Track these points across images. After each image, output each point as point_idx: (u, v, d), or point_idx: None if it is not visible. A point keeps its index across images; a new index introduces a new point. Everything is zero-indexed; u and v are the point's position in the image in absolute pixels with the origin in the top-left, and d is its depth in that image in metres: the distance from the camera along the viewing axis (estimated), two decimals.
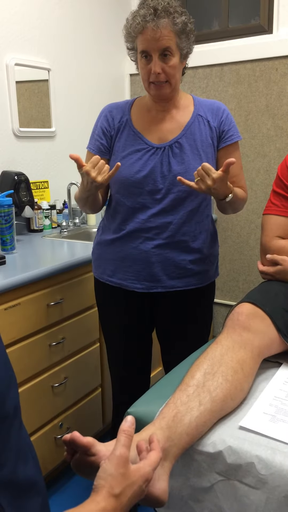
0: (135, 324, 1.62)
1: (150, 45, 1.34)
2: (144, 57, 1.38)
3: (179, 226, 1.47)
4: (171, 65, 1.37)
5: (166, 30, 1.33)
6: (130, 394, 1.69)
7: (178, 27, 1.34)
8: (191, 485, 0.90)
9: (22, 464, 0.69)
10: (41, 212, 2.35)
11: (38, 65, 2.36)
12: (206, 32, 2.76)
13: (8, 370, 0.70)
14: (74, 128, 2.59)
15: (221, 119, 1.48)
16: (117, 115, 1.51)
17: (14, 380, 0.72)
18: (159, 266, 1.49)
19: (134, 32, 1.37)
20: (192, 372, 0.97)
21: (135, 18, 1.36)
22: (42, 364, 1.74)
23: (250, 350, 1.04)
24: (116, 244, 1.54)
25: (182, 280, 1.52)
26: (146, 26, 1.33)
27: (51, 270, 1.71)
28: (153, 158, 1.45)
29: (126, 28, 1.40)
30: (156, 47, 1.34)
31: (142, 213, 1.47)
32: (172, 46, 1.35)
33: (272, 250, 1.36)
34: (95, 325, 1.98)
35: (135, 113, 1.51)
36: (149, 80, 1.40)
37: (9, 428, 0.67)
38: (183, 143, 1.45)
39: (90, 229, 2.51)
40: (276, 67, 2.50)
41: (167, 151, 1.45)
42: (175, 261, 1.50)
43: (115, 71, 2.89)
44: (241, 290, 2.84)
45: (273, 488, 0.81)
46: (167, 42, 1.34)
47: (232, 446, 0.86)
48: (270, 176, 2.62)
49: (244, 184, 1.56)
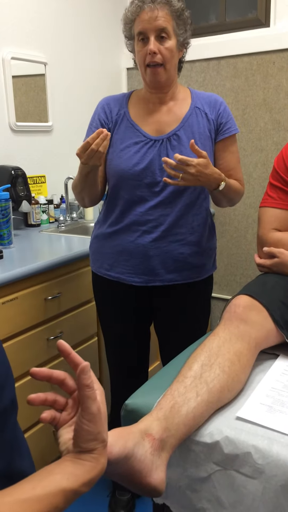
0: (133, 318, 1.62)
1: (147, 25, 1.36)
2: (141, 40, 1.39)
3: (177, 219, 1.47)
4: (168, 47, 1.37)
5: (163, 12, 1.35)
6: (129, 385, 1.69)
7: (175, 8, 1.37)
8: (188, 475, 0.90)
9: (17, 457, 0.69)
10: (38, 206, 2.35)
11: (35, 59, 2.35)
12: (203, 26, 2.75)
13: (4, 364, 0.70)
14: (71, 123, 2.58)
15: (218, 112, 1.48)
16: (114, 107, 1.51)
17: (10, 374, 0.72)
18: (157, 260, 1.50)
19: (132, 14, 1.39)
20: (190, 364, 0.98)
21: (133, 2, 1.39)
22: (40, 358, 1.74)
23: (247, 342, 1.04)
24: (113, 237, 1.54)
25: (180, 274, 1.53)
26: (143, 7, 1.36)
27: (49, 264, 1.71)
28: (152, 151, 1.44)
29: (125, 14, 1.42)
30: (153, 27, 1.35)
31: (140, 205, 1.47)
32: (168, 28, 1.36)
33: (269, 243, 1.36)
34: (93, 319, 1.98)
35: (132, 105, 1.51)
36: (145, 63, 1.40)
37: (5, 421, 0.67)
38: (181, 135, 1.45)
39: (87, 223, 2.51)
40: (273, 61, 2.49)
41: (165, 143, 1.44)
42: (173, 255, 1.50)
43: (112, 65, 2.88)
44: (239, 284, 2.84)
45: (270, 477, 0.82)
46: (163, 23, 1.35)
47: (229, 436, 0.87)
48: (267, 170, 2.62)
49: (241, 177, 1.56)
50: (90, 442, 0.61)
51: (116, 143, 1.48)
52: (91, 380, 0.62)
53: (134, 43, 1.43)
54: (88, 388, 0.62)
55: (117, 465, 0.73)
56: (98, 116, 1.52)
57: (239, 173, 1.55)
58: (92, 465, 0.58)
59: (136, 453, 0.76)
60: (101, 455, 0.60)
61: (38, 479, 0.55)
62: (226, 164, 1.51)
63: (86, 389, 0.62)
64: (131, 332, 1.65)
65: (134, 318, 1.63)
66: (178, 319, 1.61)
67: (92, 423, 0.61)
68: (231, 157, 1.52)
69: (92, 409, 0.61)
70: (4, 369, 0.69)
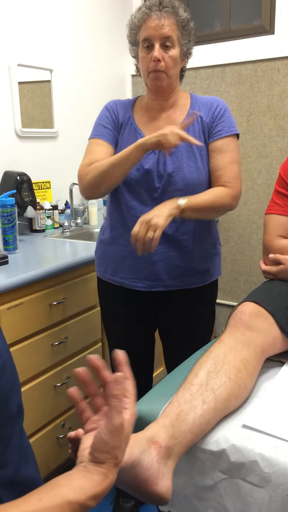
0: (137, 323, 1.62)
1: (153, 32, 1.37)
2: (146, 47, 1.40)
3: (179, 225, 1.47)
4: (171, 55, 1.39)
5: (169, 20, 1.37)
6: None
7: (181, 18, 1.39)
8: (194, 483, 0.90)
9: (24, 463, 0.69)
10: (43, 212, 2.36)
11: (41, 65, 2.37)
12: (208, 33, 2.77)
13: (12, 370, 0.70)
14: (76, 129, 2.59)
15: (213, 114, 1.47)
16: (120, 111, 1.52)
17: (17, 381, 0.72)
18: (160, 265, 1.50)
19: (138, 21, 1.40)
20: (196, 371, 0.97)
21: (140, 9, 1.41)
22: (45, 363, 1.74)
23: (253, 349, 1.04)
24: (117, 243, 1.54)
25: (183, 279, 1.53)
26: (150, 14, 1.37)
27: (54, 270, 1.71)
28: (151, 157, 1.45)
29: (131, 20, 1.44)
30: (158, 35, 1.37)
31: (141, 211, 1.47)
32: (173, 37, 1.38)
33: (274, 250, 1.36)
34: (97, 324, 1.98)
35: (137, 111, 1.53)
36: (149, 70, 1.41)
37: (13, 428, 0.67)
38: None
39: (92, 229, 2.52)
40: (278, 68, 2.50)
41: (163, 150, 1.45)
42: (176, 260, 1.50)
43: (117, 72, 2.90)
44: (243, 290, 2.84)
45: (276, 486, 0.81)
46: (169, 32, 1.37)
47: (236, 445, 0.86)
48: (271, 177, 2.63)
49: (230, 179, 1.45)
50: (103, 453, 0.59)
51: (121, 147, 1.49)
52: (120, 392, 0.61)
53: (138, 49, 1.44)
54: (115, 399, 0.61)
55: (123, 473, 0.73)
56: (109, 114, 1.51)
57: (227, 175, 1.45)
58: (99, 480, 0.57)
59: (142, 460, 0.76)
60: (110, 472, 0.58)
61: (44, 491, 0.54)
62: (214, 164, 1.46)
63: (113, 399, 0.61)
64: (135, 337, 1.65)
65: (138, 323, 1.63)
66: (182, 325, 1.61)
67: (112, 435, 0.60)
68: (221, 157, 1.46)
69: (115, 421, 0.60)
70: (12, 376, 0.69)
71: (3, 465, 0.64)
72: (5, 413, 0.65)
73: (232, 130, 1.48)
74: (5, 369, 0.64)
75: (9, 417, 0.66)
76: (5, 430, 0.65)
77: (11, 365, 0.70)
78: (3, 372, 0.63)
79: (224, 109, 1.49)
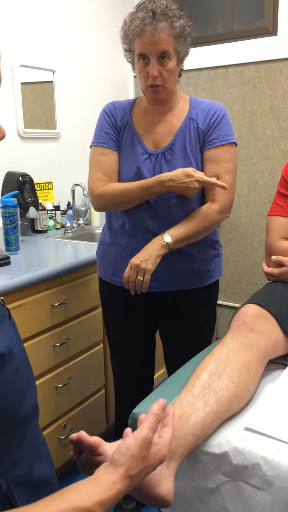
0: (137, 323, 1.62)
1: (148, 49, 1.34)
2: (141, 59, 1.38)
3: None
4: (168, 68, 1.37)
5: (164, 34, 1.32)
6: (133, 393, 1.69)
7: (176, 31, 1.34)
8: (196, 486, 0.90)
9: (38, 462, 0.70)
10: (45, 213, 2.35)
11: (43, 66, 2.37)
12: (210, 34, 2.76)
13: (27, 370, 0.70)
14: (79, 130, 2.59)
15: (209, 122, 1.45)
16: (118, 114, 1.51)
17: (32, 381, 0.73)
18: (160, 267, 1.49)
19: (132, 34, 1.36)
20: (198, 373, 0.97)
21: (133, 21, 1.34)
22: (46, 364, 1.74)
23: (255, 351, 1.03)
24: (118, 244, 1.54)
25: (183, 281, 1.53)
26: (144, 29, 1.32)
27: (56, 271, 1.71)
28: (147, 164, 1.45)
29: (124, 29, 1.40)
30: (154, 51, 1.34)
31: (138, 216, 1.48)
32: (169, 50, 1.35)
33: (277, 251, 1.36)
34: (99, 326, 1.98)
35: (135, 114, 1.52)
36: (147, 84, 1.40)
37: (27, 427, 0.68)
38: (175, 149, 1.45)
39: (94, 230, 2.52)
40: (281, 69, 2.50)
41: (160, 157, 1.45)
42: (175, 262, 1.49)
43: (120, 72, 2.90)
44: (245, 292, 2.84)
45: (279, 489, 0.81)
46: (165, 46, 1.33)
47: (238, 447, 0.86)
48: (274, 178, 2.62)
49: (219, 193, 1.42)
50: (118, 453, 0.62)
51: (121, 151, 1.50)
52: (161, 415, 0.68)
53: (134, 58, 1.42)
54: (153, 416, 0.67)
55: None
56: (108, 118, 1.51)
57: (213, 189, 1.43)
58: (107, 487, 0.59)
59: None
60: (120, 480, 0.60)
61: (52, 498, 0.56)
62: (206, 174, 1.42)
63: (152, 416, 0.67)
64: (135, 338, 1.64)
65: (138, 324, 1.63)
66: (183, 326, 1.61)
67: (135, 443, 0.63)
68: (213, 167, 1.43)
69: (144, 433, 0.64)
70: (27, 377, 0.69)
71: (17, 463, 0.65)
72: (20, 414, 0.66)
73: (228, 139, 1.44)
74: (19, 371, 0.65)
75: (23, 417, 0.66)
76: (20, 429, 0.66)
77: (26, 365, 0.71)
78: (17, 373, 0.64)
79: (221, 116, 1.45)
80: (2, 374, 0.61)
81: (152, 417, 0.67)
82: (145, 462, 0.64)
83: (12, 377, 0.63)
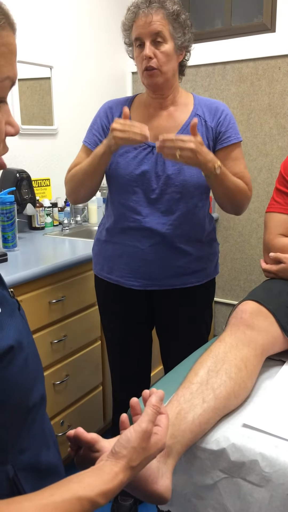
0: (134, 321, 1.62)
1: (142, 30, 1.35)
2: (138, 46, 1.39)
3: (175, 227, 1.46)
4: (163, 51, 1.36)
5: (158, 16, 1.35)
6: (130, 390, 1.68)
7: (170, 12, 1.35)
8: (194, 482, 0.90)
9: (45, 449, 0.71)
10: (42, 209, 2.35)
11: (41, 62, 2.36)
12: (209, 31, 2.76)
13: (35, 361, 0.71)
14: (76, 126, 2.58)
15: (218, 120, 1.45)
16: (116, 111, 1.50)
17: (41, 371, 0.74)
18: (156, 265, 1.49)
19: (128, 21, 1.39)
20: (196, 370, 0.97)
21: (129, 9, 1.39)
22: (44, 361, 1.72)
23: (253, 348, 1.03)
24: (113, 241, 1.54)
25: (179, 279, 1.52)
26: (138, 12, 1.36)
27: (53, 268, 1.71)
28: (149, 157, 1.43)
29: (123, 21, 1.43)
30: (147, 32, 1.35)
31: (137, 212, 1.46)
32: (164, 32, 1.35)
33: (275, 248, 1.36)
34: (96, 323, 1.97)
35: (135, 109, 1.51)
36: (142, 67, 1.39)
37: (35, 416, 0.69)
38: None
39: (91, 227, 2.51)
40: (279, 66, 2.50)
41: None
42: (171, 260, 1.49)
43: (117, 69, 2.89)
44: (242, 289, 2.84)
45: (277, 486, 0.81)
46: (158, 27, 1.34)
47: (236, 444, 0.86)
48: (272, 175, 2.62)
49: (248, 182, 1.50)
50: (119, 446, 0.64)
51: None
52: (159, 406, 0.69)
53: (133, 49, 1.42)
54: (152, 407, 0.68)
55: None
56: (100, 120, 1.52)
57: (245, 178, 1.50)
58: (109, 478, 0.60)
59: None
60: (122, 471, 0.62)
61: (56, 487, 0.57)
62: (230, 170, 1.45)
63: (151, 407, 0.68)
64: (132, 336, 1.64)
65: (134, 322, 1.62)
66: (179, 324, 1.61)
67: (136, 435, 0.64)
68: (234, 164, 1.47)
69: (144, 425, 0.65)
70: (35, 367, 0.70)
71: (24, 450, 0.66)
72: (28, 403, 0.67)
73: (239, 137, 1.49)
74: (27, 362, 0.65)
75: (32, 407, 0.68)
76: (28, 418, 0.67)
77: (35, 356, 0.72)
78: (26, 364, 0.65)
79: (229, 115, 1.48)
80: (12, 366, 0.61)
81: (151, 409, 0.68)
82: (145, 452, 0.65)
83: (21, 369, 0.64)
